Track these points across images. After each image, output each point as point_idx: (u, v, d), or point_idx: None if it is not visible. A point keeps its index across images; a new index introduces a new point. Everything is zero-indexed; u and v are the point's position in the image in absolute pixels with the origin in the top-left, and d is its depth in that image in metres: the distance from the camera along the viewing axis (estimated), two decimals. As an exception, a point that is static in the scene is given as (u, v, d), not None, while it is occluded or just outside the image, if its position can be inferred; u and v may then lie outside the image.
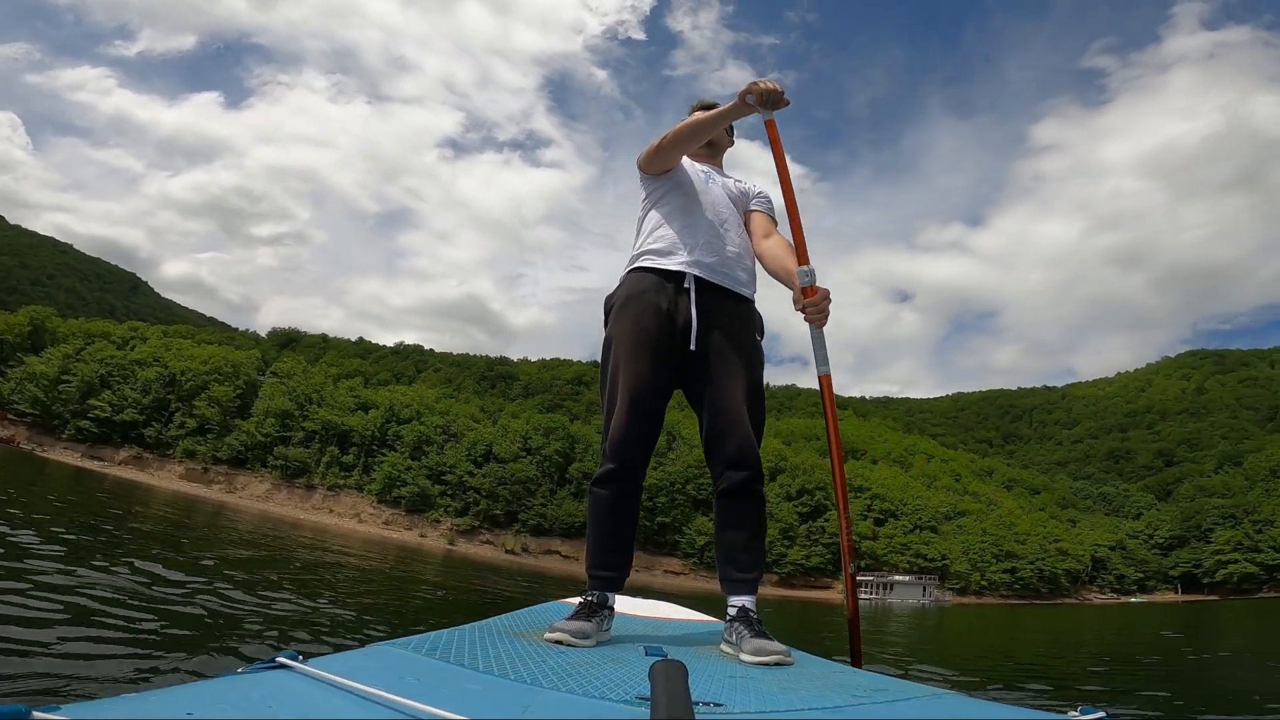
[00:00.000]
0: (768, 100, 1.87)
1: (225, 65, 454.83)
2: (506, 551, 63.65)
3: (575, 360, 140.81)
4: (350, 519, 63.27)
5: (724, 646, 1.69)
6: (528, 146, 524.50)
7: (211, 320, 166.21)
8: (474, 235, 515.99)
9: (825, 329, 1.85)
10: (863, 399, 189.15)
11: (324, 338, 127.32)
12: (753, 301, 2.01)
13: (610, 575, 1.81)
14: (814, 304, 1.79)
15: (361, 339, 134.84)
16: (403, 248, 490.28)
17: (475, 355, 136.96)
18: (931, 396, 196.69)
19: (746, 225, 2.11)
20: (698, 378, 1.90)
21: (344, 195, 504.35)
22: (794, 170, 2.10)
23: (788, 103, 1.89)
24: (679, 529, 65.02)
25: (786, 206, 1.99)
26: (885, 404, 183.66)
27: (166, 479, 57.32)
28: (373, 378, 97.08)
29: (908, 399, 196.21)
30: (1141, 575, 72.50)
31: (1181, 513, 79.76)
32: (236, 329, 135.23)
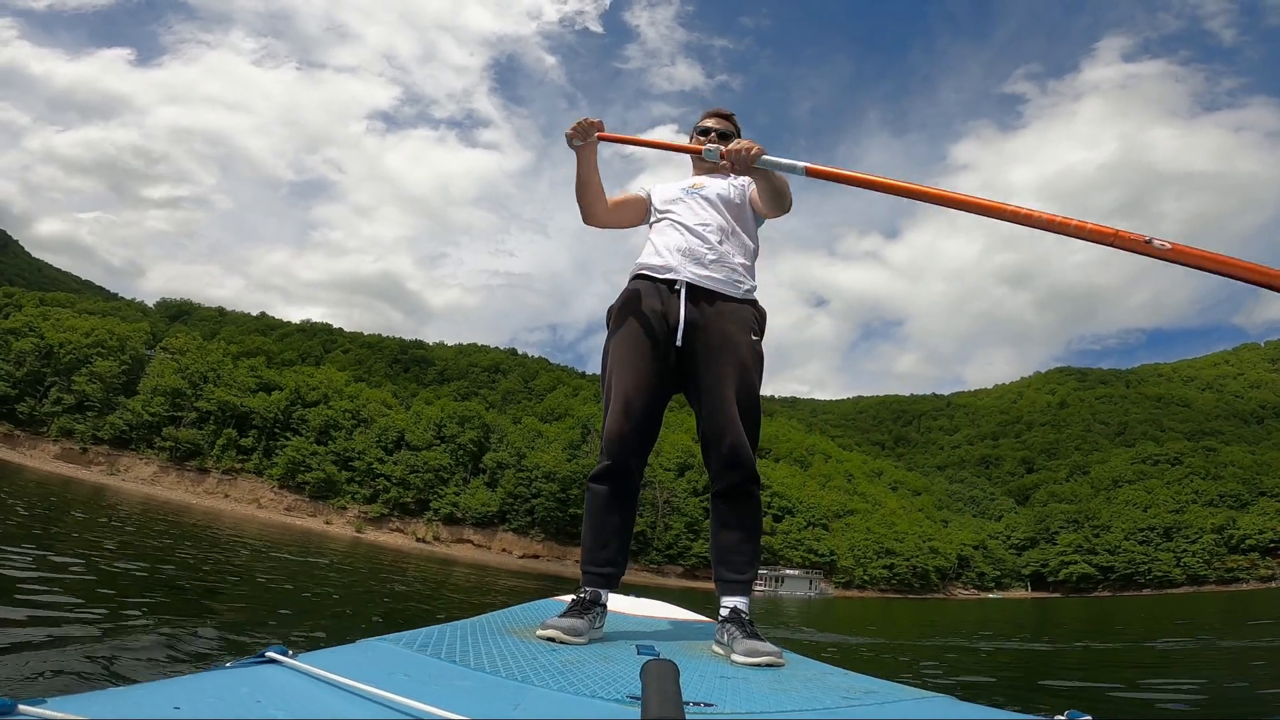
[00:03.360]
0: (576, 134, 1.99)
1: (143, 21, 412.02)
2: (417, 540, 63.16)
3: (493, 347, 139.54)
4: (248, 504, 60.66)
5: (716, 647, 1.69)
6: (465, 125, 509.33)
7: (87, 284, 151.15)
8: (396, 212, 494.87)
9: (764, 161, 1.79)
10: (771, 398, 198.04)
11: (221, 311, 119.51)
12: (750, 302, 2.00)
13: (605, 572, 1.81)
14: (734, 153, 1.80)
15: (264, 314, 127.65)
16: (317, 220, 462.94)
17: (388, 337, 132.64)
18: (835, 398, 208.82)
19: (753, 206, 2.13)
20: (693, 379, 1.91)
21: (257, 162, 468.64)
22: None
23: (597, 124, 2.00)
24: (590, 521, 66.55)
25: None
26: (792, 404, 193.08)
27: (39, 459, 52.88)
28: (276, 357, 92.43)
29: (814, 400, 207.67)
30: (999, 573, 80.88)
31: (1035, 516, 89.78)
32: (117, 295, 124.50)
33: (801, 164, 1.72)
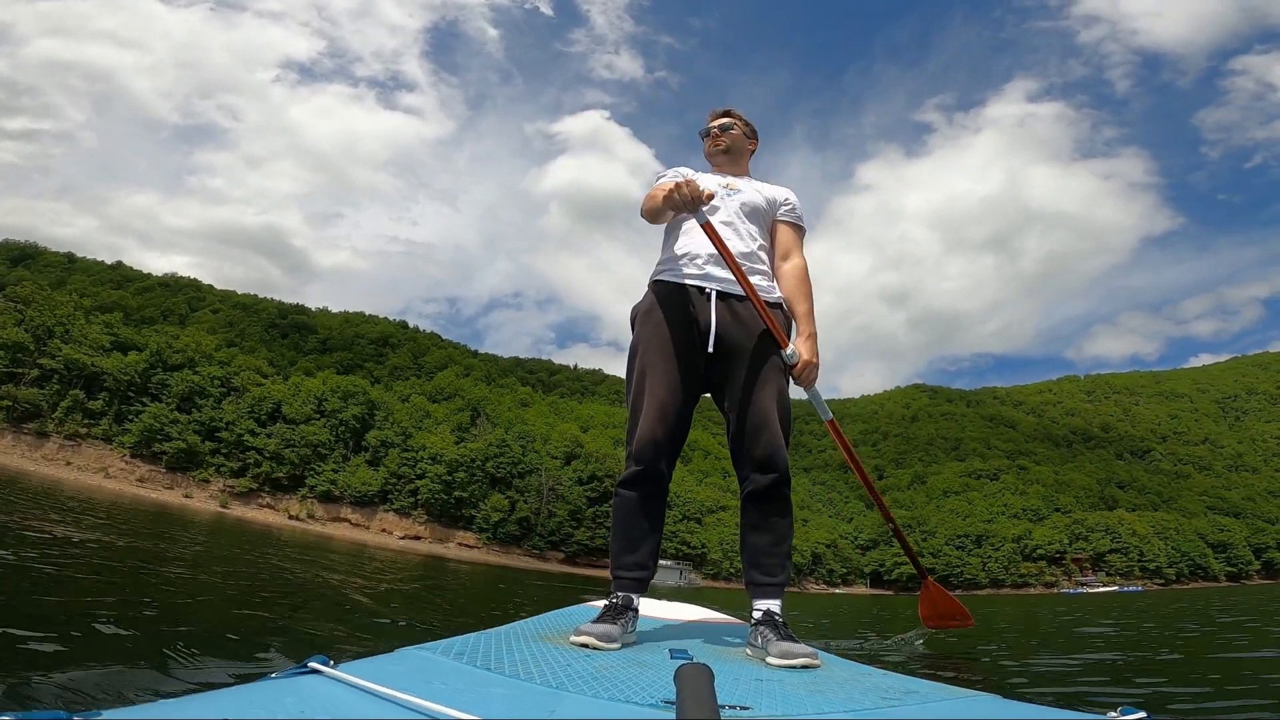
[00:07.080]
0: (687, 205, 1.85)
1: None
2: (290, 517, 61.11)
3: (382, 318, 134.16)
4: (94, 473, 56.06)
5: (749, 650, 1.68)
6: (388, 87, 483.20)
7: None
8: (292, 166, 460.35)
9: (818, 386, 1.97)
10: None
11: (70, 257, 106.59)
12: (776, 305, 2.00)
13: (636, 576, 1.80)
14: (801, 375, 1.94)
15: (120, 262, 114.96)
16: (197, 165, 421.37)
17: (265, 298, 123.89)
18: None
19: (771, 235, 2.14)
20: (723, 381, 1.92)
21: (138, 102, 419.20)
22: (644, 155, 4.91)
23: (708, 198, 1.87)
24: (475, 504, 67.07)
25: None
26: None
27: None
28: (135, 313, 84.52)
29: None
30: (845, 570, 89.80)
31: (879, 520, 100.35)
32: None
33: (829, 415, 1.93)
